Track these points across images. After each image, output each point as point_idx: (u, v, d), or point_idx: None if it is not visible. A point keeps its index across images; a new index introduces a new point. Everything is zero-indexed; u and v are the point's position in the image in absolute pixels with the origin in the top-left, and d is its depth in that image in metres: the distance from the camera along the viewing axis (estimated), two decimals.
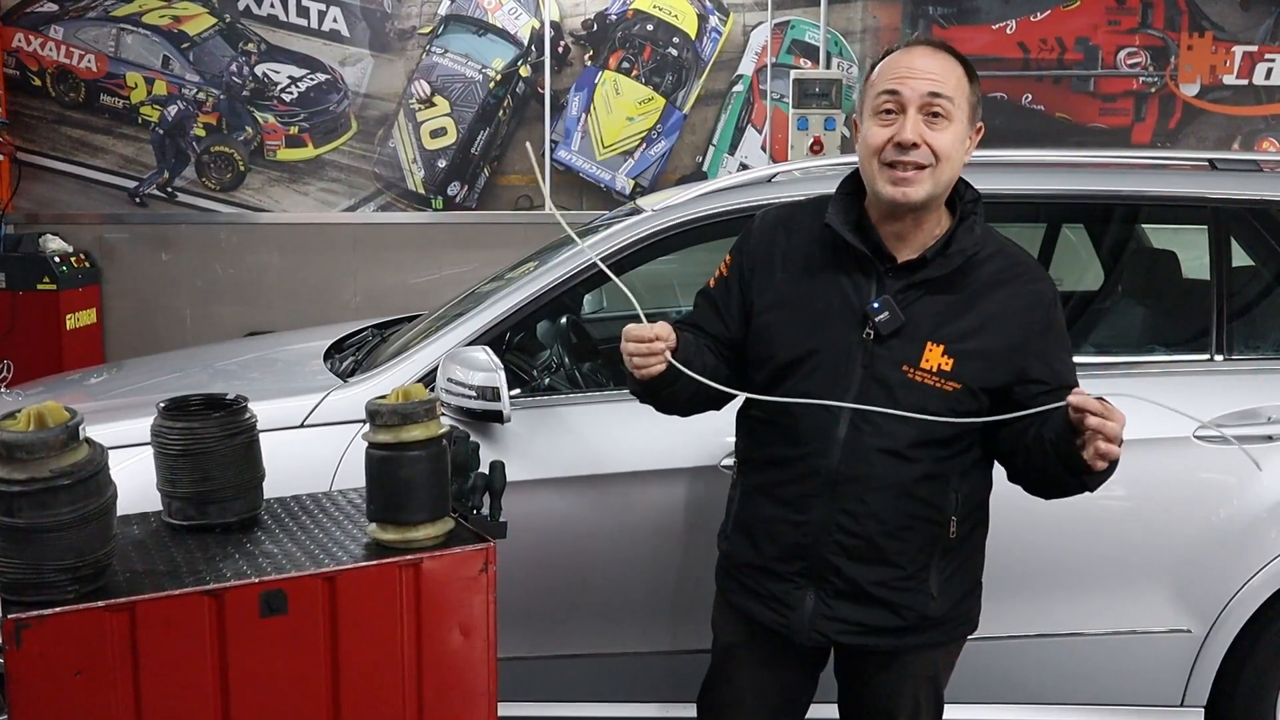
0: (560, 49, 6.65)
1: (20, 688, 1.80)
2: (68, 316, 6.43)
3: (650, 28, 6.62)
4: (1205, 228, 3.07)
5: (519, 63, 6.66)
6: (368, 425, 2.12)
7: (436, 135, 6.71)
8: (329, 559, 2.04)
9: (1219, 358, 2.97)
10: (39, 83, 6.73)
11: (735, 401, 2.24)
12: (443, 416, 2.18)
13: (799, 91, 6.04)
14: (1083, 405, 1.90)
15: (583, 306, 3.67)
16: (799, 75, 6.14)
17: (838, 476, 2.09)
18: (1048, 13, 6.58)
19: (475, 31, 6.66)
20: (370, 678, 2.03)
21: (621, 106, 6.67)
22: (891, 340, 2.07)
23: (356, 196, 6.79)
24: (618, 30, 6.63)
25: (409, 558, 2.05)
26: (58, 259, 6.43)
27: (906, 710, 2.25)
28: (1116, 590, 2.86)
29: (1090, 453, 1.91)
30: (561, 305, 3.27)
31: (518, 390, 2.96)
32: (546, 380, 3.13)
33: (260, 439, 2.25)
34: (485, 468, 2.27)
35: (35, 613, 1.80)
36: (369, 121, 6.74)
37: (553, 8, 6.60)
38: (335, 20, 6.67)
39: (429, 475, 2.08)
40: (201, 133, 6.73)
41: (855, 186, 2.18)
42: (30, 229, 6.69)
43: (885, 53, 2.17)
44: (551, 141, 6.67)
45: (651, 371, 2.06)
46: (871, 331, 2.08)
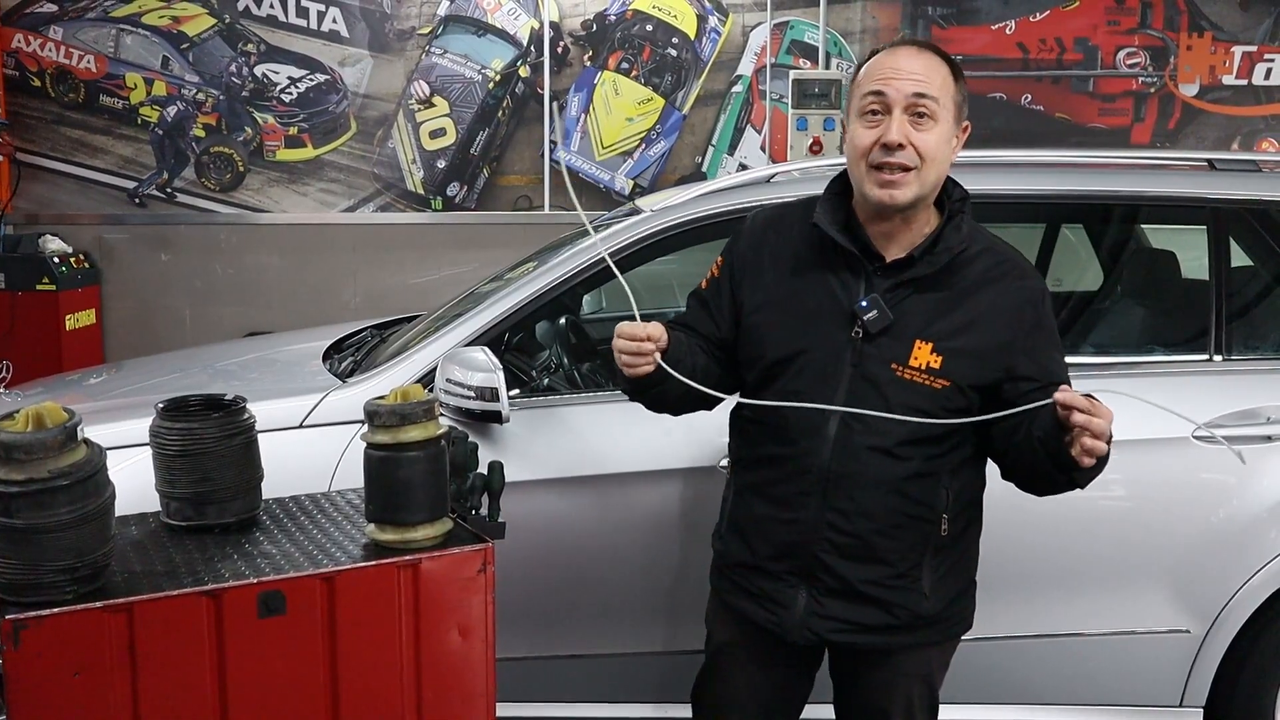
0: (559, 49, 6.66)
1: (18, 688, 1.80)
2: (67, 317, 6.43)
3: (649, 28, 6.62)
4: (1204, 228, 3.08)
5: (518, 63, 6.66)
6: (366, 426, 2.12)
7: (436, 136, 6.71)
8: (327, 560, 2.03)
9: (1218, 358, 2.97)
10: (38, 83, 6.73)
11: (728, 402, 2.25)
12: (441, 417, 2.18)
13: (798, 92, 6.04)
14: (1069, 402, 1.90)
15: (582, 307, 3.67)
16: (798, 76, 6.14)
17: (828, 475, 2.10)
18: (1047, 13, 6.58)
19: (474, 32, 6.66)
20: (369, 678, 2.03)
21: (621, 107, 6.67)
22: (880, 338, 2.08)
23: (356, 197, 6.79)
24: (617, 31, 6.63)
25: (407, 558, 2.05)
26: (57, 259, 6.42)
27: (900, 709, 2.25)
28: (1116, 590, 2.86)
29: (1077, 449, 1.92)
30: (561, 306, 3.27)
31: (517, 391, 2.96)
32: (545, 381, 3.13)
33: (259, 439, 2.25)
34: (484, 468, 2.27)
35: (33, 613, 1.80)
36: (368, 122, 6.74)
37: (552, 8, 6.60)
38: (334, 21, 6.67)
39: (427, 476, 2.08)
40: (201, 133, 6.73)
41: (844, 187, 2.20)
42: (30, 229, 6.69)
43: (871, 53, 2.17)
44: (551, 142, 6.67)
45: (639, 371, 2.08)
46: (860, 330, 2.09)
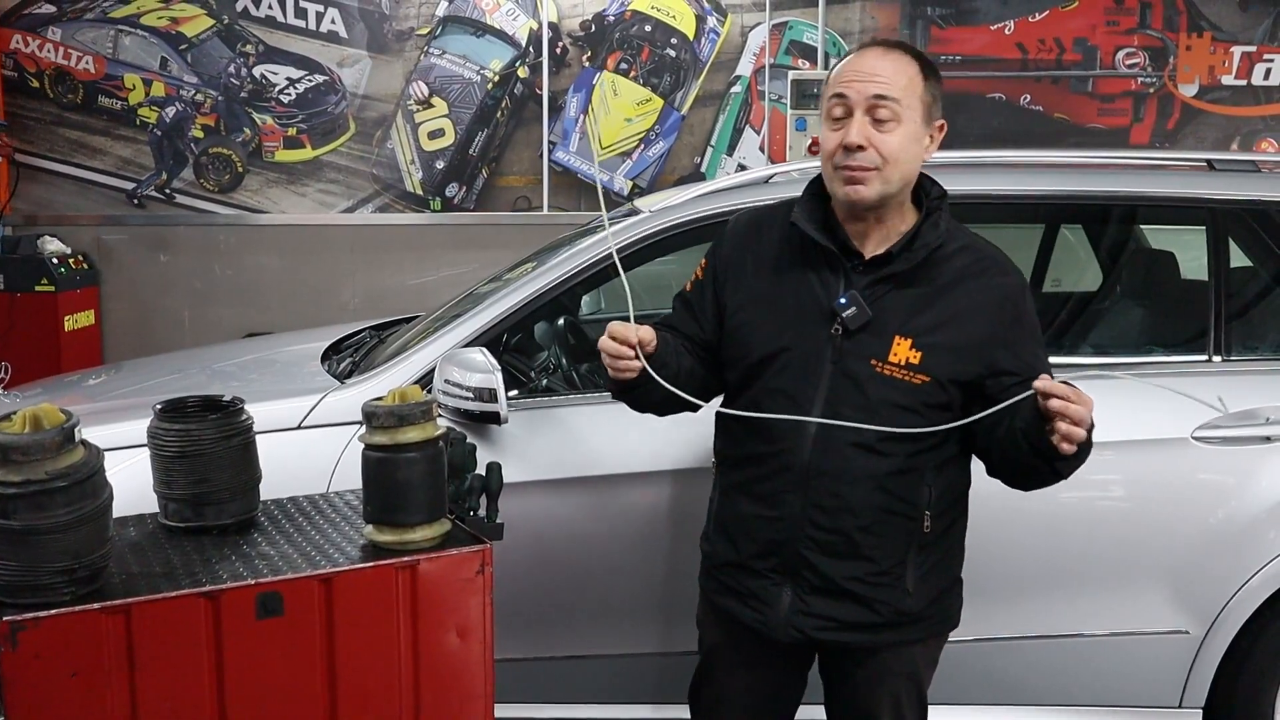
0: (558, 50, 6.65)
1: (16, 689, 1.80)
2: (66, 318, 6.42)
3: (648, 29, 6.62)
4: (1203, 228, 3.07)
5: (517, 64, 6.66)
6: (364, 427, 2.11)
7: (434, 136, 6.71)
8: (325, 561, 2.03)
9: (1217, 358, 2.97)
10: (37, 84, 6.73)
11: (714, 402, 2.26)
12: (440, 418, 2.18)
13: (797, 92, 6.04)
14: (1048, 389, 1.92)
15: (580, 308, 3.66)
16: (797, 76, 6.14)
17: (810, 471, 2.11)
18: (1046, 13, 6.58)
19: (473, 33, 6.66)
20: (367, 679, 2.03)
21: (619, 107, 6.67)
22: (859, 335, 2.10)
23: (355, 198, 6.79)
24: (616, 31, 6.63)
25: (406, 559, 2.05)
26: (56, 260, 6.42)
27: (888, 708, 2.25)
28: (1115, 591, 2.86)
29: (1057, 437, 1.93)
30: (559, 306, 3.26)
31: (515, 391, 2.96)
32: (544, 382, 3.13)
33: (257, 440, 2.25)
34: (482, 469, 2.27)
35: (31, 614, 1.80)
36: (367, 123, 6.73)
37: (550, 9, 6.60)
38: (333, 21, 6.67)
39: (425, 477, 2.08)
40: (199, 134, 6.73)
41: (822, 187, 2.21)
42: (28, 230, 6.69)
43: (844, 56, 2.19)
44: (550, 142, 6.67)
45: (624, 376, 2.11)
46: (840, 327, 2.10)
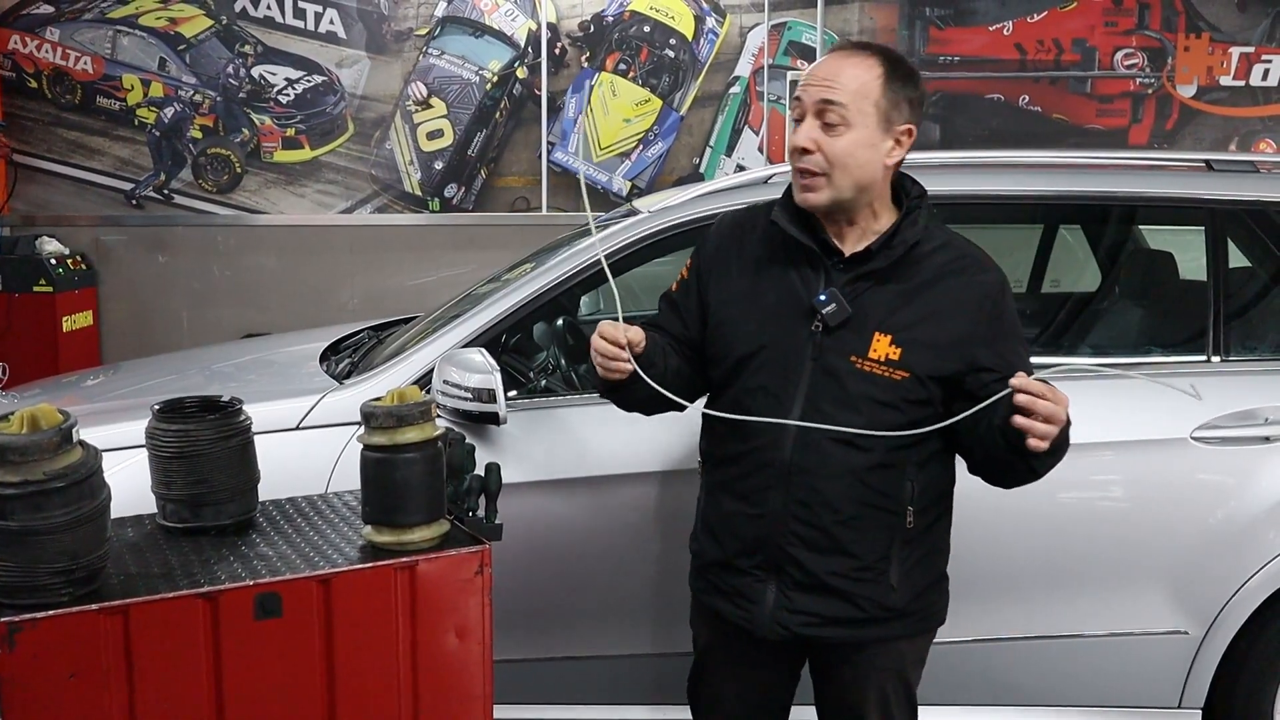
0: (557, 50, 6.65)
1: (14, 690, 1.79)
2: (64, 319, 6.42)
3: (647, 29, 6.62)
4: (1202, 229, 3.07)
5: (515, 64, 6.66)
6: (363, 427, 2.11)
7: (433, 137, 6.70)
8: (324, 561, 2.03)
9: (1216, 359, 2.97)
10: (35, 85, 6.72)
11: (700, 401, 2.28)
12: (439, 418, 2.18)
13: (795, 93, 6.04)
14: (1022, 386, 1.93)
15: (579, 308, 3.66)
16: (796, 77, 6.14)
17: (791, 467, 2.13)
18: (1044, 14, 6.58)
19: (472, 33, 6.66)
20: (365, 680, 2.03)
21: (618, 108, 6.66)
22: (839, 331, 2.11)
23: (353, 198, 6.78)
24: (614, 32, 6.63)
25: (404, 560, 2.05)
26: (54, 261, 6.41)
27: (875, 705, 2.26)
28: (1114, 591, 2.86)
29: (1030, 437, 1.95)
30: (558, 307, 3.26)
31: (514, 392, 2.96)
32: (543, 382, 3.13)
33: (256, 441, 2.25)
34: (481, 469, 2.27)
35: (29, 615, 1.80)
36: (366, 123, 6.73)
37: (549, 9, 6.60)
38: (332, 22, 6.67)
39: (424, 477, 2.08)
40: (198, 135, 6.72)
41: None
42: (26, 231, 6.68)
43: None
44: (548, 143, 6.67)
45: (615, 377, 2.13)
46: (820, 324, 2.12)
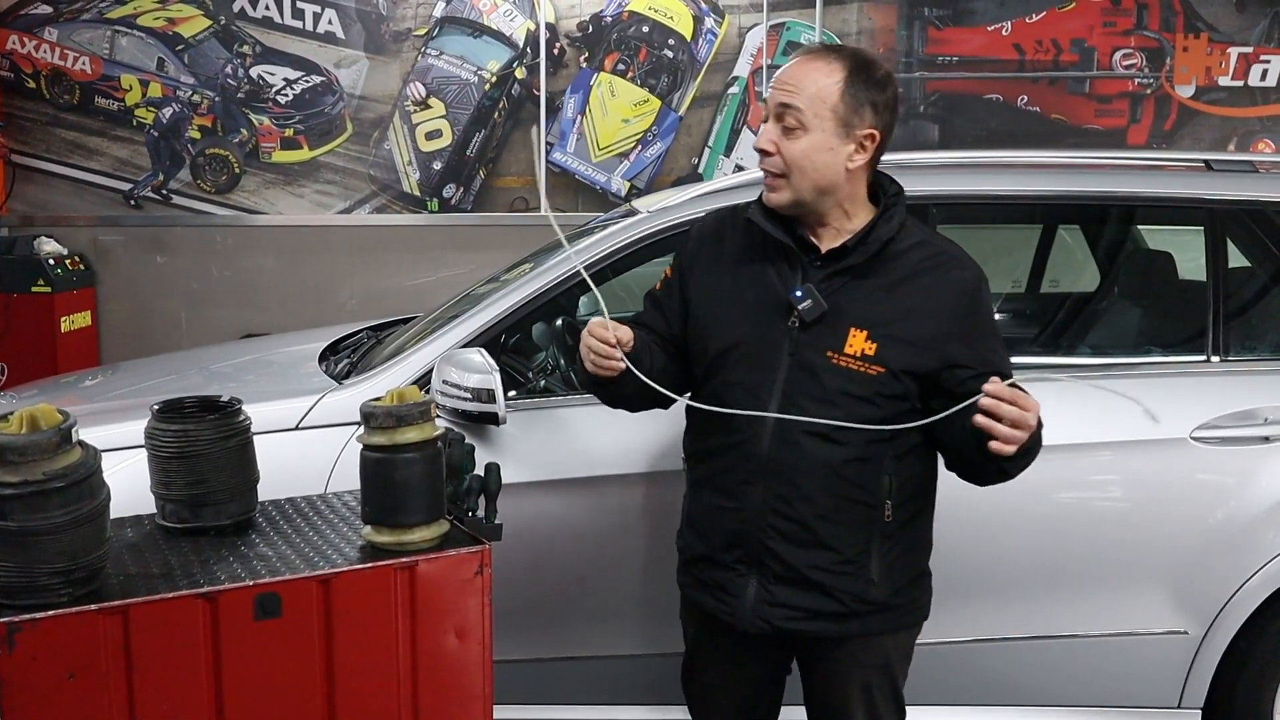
0: (555, 51, 6.65)
1: (13, 691, 1.79)
2: (62, 319, 6.41)
3: (646, 29, 6.62)
4: (1201, 229, 3.08)
5: (514, 64, 6.66)
6: (362, 427, 2.11)
7: (432, 137, 6.70)
8: (324, 561, 2.03)
9: (1216, 359, 2.97)
10: (33, 85, 6.72)
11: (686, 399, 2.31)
12: (438, 418, 2.18)
13: None
14: (993, 392, 1.95)
15: (578, 308, 3.66)
16: None
17: (769, 462, 2.15)
18: (1043, 14, 6.58)
19: (470, 33, 6.65)
20: (365, 681, 2.02)
21: (617, 108, 6.66)
22: (815, 327, 2.14)
23: (352, 199, 6.78)
24: (613, 32, 6.63)
25: (404, 560, 2.04)
26: (52, 261, 6.41)
27: (860, 701, 2.27)
28: (1114, 591, 2.86)
29: (996, 442, 1.97)
30: (557, 307, 3.26)
31: (513, 392, 2.95)
32: (542, 382, 3.12)
33: (255, 441, 2.25)
34: (480, 470, 2.26)
35: (28, 616, 1.80)
36: (364, 124, 6.73)
37: (548, 9, 6.59)
38: (330, 22, 6.66)
39: (424, 477, 2.08)
40: (196, 135, 6.72)
41: None
42: (25, 231, 6.67)
43: None
44: (547, 143, 6.66)
45: (607, 373, 2.15)
46: (796, 320, 2.15)
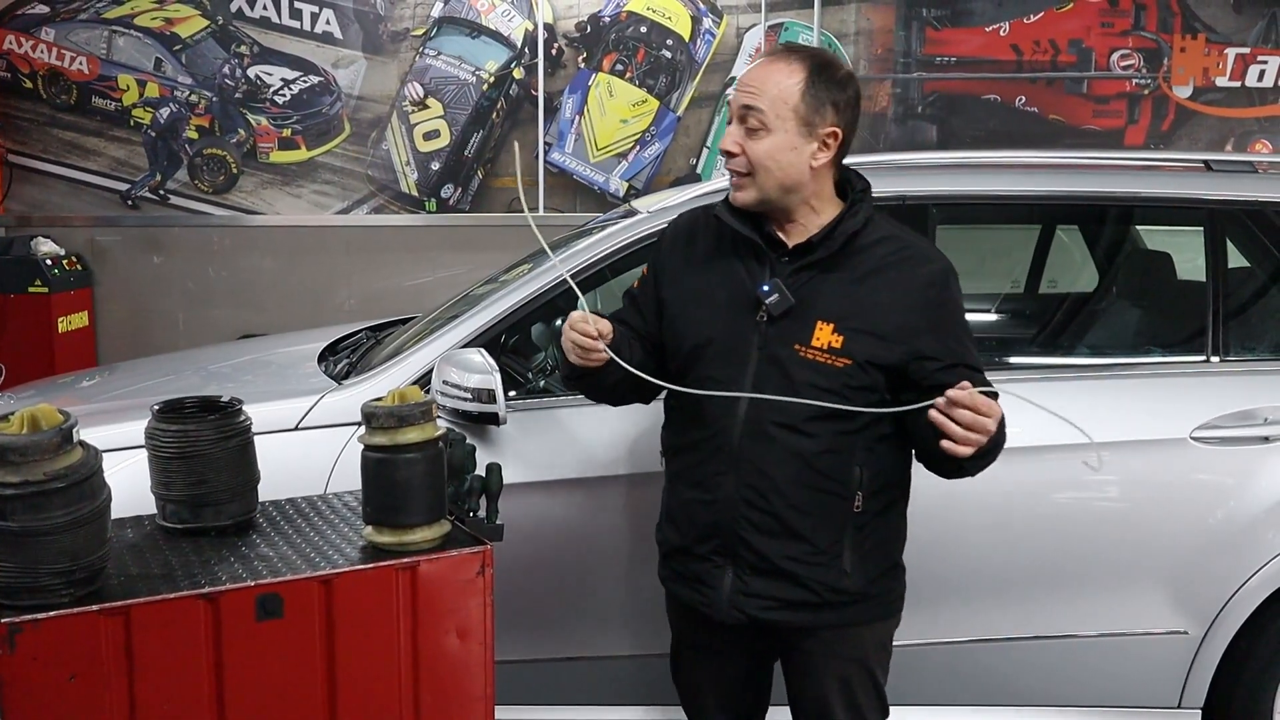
0: (553, 51, 6.65)
1: (14, 692, 1.79)
2: (59, 320, 6.40)
3: (644, 30, 6.62)
4: (1201, 229, 3.08)
5: (512, 65, 6.65)
6: (364, 427, 2.11)
7: (430, 138, 6.69)
8: (325, 562, 2.03)
9: (1215, 359, 2.97)
10: (30, 85, 6.70)
11: (663, 395, 2.35)
12: (439, 419, 2.17)
13: None
14: (953, 397, 1.98)
15: (578, 309, 3.66)
16: None
17: (740, 453, 2.20)
18: (1041, 15, 6.58)
19: (468, 34, 6.65)
20: (367, 681, 2.02)
21: (615, 109, 6.66)
22: (782, 321, 2.18)
23: (350, 199, 6.77)
24: (611, 32, 6.63)
25: (405, 560, 2.04)
26: (49, 262, 6.39)
27: (839, 694, 2.29)
28: (1114, 591, 2.86)
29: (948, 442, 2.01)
30: (556, 308, 3.25)
31: (513, 392, 2.95)
32: (541, 383, 3.12)
33: (255, 442, 2.24)
34: (481, 470, 2.26)
35: (29, 616, 1.79)
36: (362, 124, 6.72)
37: (546, 10, 6.59)
38: (328, 22, 6.66)
39: (425, 478, 2.08)
40: (194, 135, 6.71)
41: None
42: (21, 232, 6.66)
43: None
44: (545, 144, 6.66)
45: (593, 363, 2.21)
46: (765, 314, 2.19)
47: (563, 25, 6.63)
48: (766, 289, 2.18)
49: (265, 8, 6.65)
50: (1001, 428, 2.04)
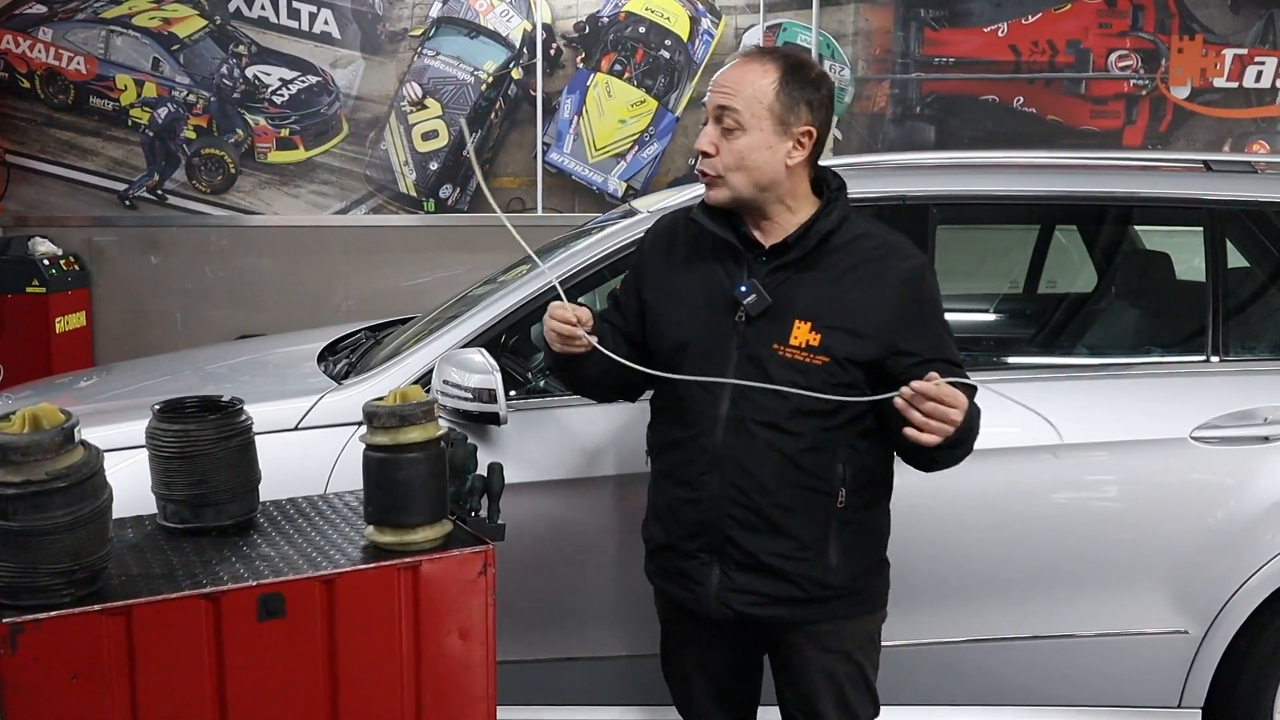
0: (552, 51, 6.64)
1: (15, 692, 1.78)
2: (57, 320, 6.39)
3: (642, 30, 6.62)
4: (1201, 229, 3.08)
5: (510, 65, 6.65)
6: (365, 427, 2.10)
7: (428, 138, 6.69)
8: (326, 562, 2.02)
9: (1215, 359, 2.97)
10: (28, 85, 6.70)
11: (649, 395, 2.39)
12: (439, 419, 2.17)
13: None
14: (918, 388, 2.00)
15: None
16: None
17: (723, 452, 2.22)
18: (1039, 15, 6.59)
19: (467, 34, 6.65)
20: (368, 681, 2.02)
21: (614, 109, 6.66)
22: (760, 321, 2.20)
23: (348, 199, 6.77)
24: (610, 33, 6.62)
25: (407, 560, 2.04)
26: (47, 262, 6.39)
27: (828, 691, 2.30)
28: (1114, 591, 2.87)
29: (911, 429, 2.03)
30: None
31: (513, 392, 2.95)
32: (541, 383, 3.12)
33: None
34: (482, 469, 2.26)
35: (30, 616, 1.79)
36: (360, 124, 6.72)
37: (544, 10, 6.59)
38: (326, 22, 6.65)
39: (427, 477, 2.07)
40: (192, 135, 6.70)
41: None
42: (19, 232, 6.65)
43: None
44: (544, 144, 6.66)
45: (575, 349, 2.25)
46: (743, 314, 2.21)
47: (561, 25, 6.63)
48: (744, 289, 2.20)
49: (263, 7, 6.64)
50: (971, 421, 2.05)
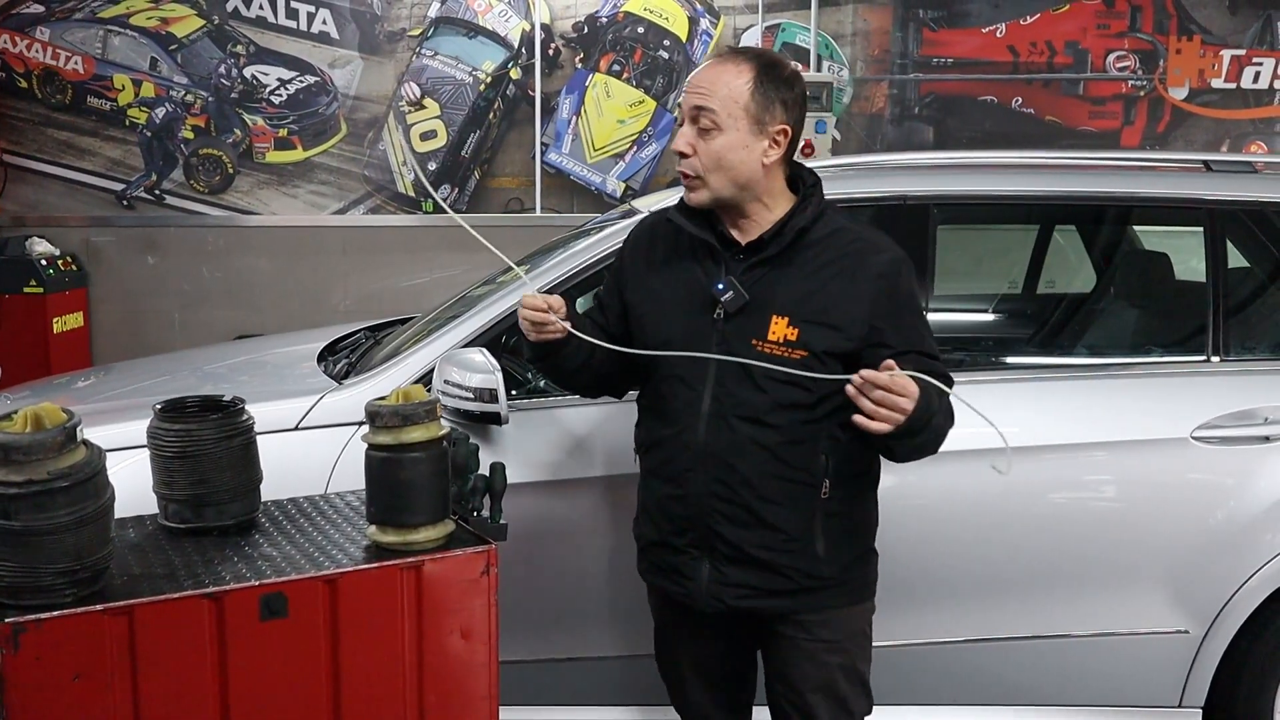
0: (550, 51, 6.64)
1: (17, 692, 1.78)
2: (55, 320, 6.39)
3: (641, 30, 6.62)
4: (1201, 229, 3.08)
5: (509, 65, 6.65)
6: (367, 427, 2.10)
7: (426, 138, 6.69)
8: (329, 562, 2.02)
9: (1215, 359, 2.97)
10: (25, 84, 6.69)
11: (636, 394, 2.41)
12: (441, 418, 2.17)
13: None
14: (868, 376, 2.02)
15: (576, 309, 3.65)
16: None
17: (706, 448, 2.24)
18: (1037, 16, 6.60)
19: (465, 34, 6.65)
20: (371, 681, 2.02)
21: (612, 109, 6.66)
22: (738, 317, 2.22)
23: (346, 199, 6.77)
24: (608, 33, 6.63)
25: (410, 560, 2.04)
26: (44, 262, 6.38)
27: (817, 680, 2.31)
28: (1115, 591, 2.86)
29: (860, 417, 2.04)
30: None
31: (513, 392, 2.94)
32: (541, 382, 3.11)
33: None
34: (484, 469, 2.26)
35: (32, 616, 1.78)
36: (358, 124, 6.71)
37: (543, 10, 6.59)
38: (324, 22, 6.65)
39: (429, 477, 2.07)
40: (190, 135, 6.70)
41: None
42: (17, 232, 6.64)
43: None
44: (542, 144, 6.66)
45: (548, 336, 2.27)
46: (721, 312, 2.23)
47: (560, 26, 6.63)
48: (721, 287, 2.22)
49: (261, 7, 6.64)
50: (929, 414, 2.04)
